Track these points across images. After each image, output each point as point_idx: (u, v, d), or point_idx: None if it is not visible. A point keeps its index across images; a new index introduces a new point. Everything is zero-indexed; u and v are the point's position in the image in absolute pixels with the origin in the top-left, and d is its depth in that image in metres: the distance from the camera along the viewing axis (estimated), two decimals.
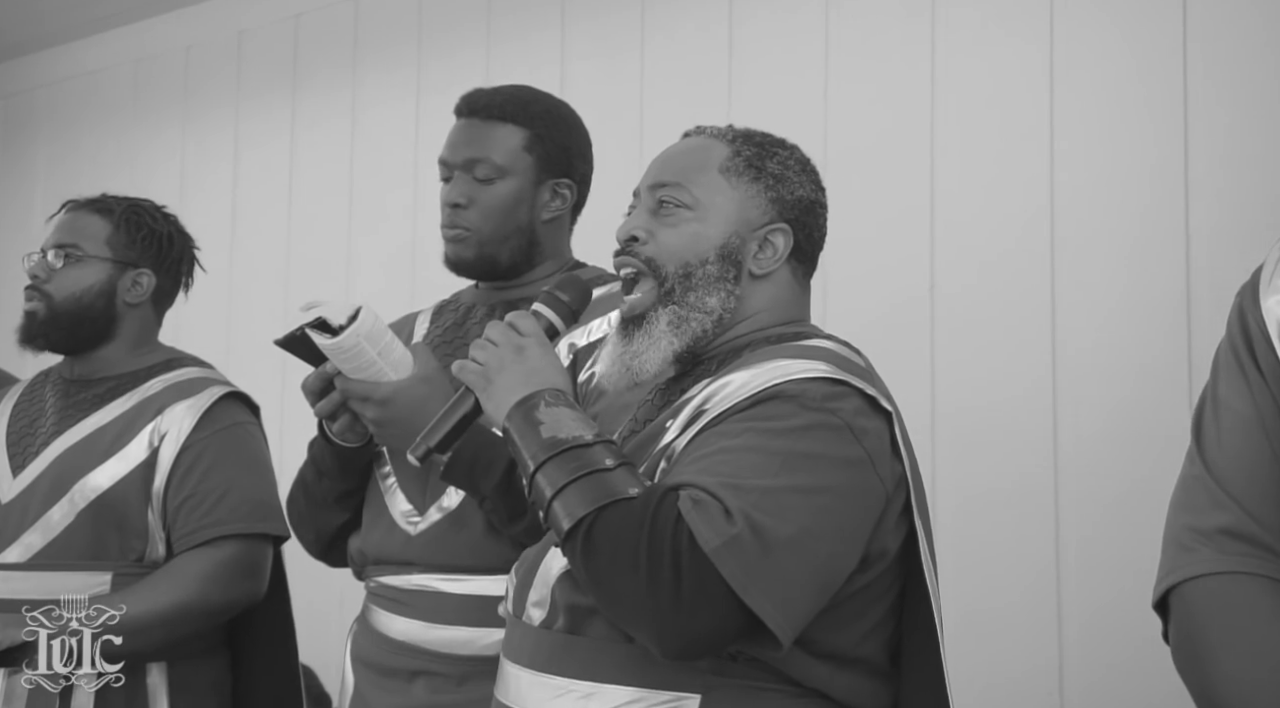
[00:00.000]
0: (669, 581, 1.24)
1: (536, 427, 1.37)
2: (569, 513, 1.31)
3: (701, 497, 1.28)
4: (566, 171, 1.96)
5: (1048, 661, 2.46)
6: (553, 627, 1.41)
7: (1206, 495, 1.13)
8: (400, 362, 1.80)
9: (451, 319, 2.01)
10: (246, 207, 4.04)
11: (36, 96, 4.68)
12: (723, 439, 1.34)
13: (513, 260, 1.94)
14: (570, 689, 1.37)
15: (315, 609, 2.83)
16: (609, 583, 1.28)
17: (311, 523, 1.99)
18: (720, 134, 1.56)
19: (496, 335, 1.48)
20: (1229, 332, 1.20)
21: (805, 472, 1.32)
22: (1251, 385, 1.14)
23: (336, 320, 1.73)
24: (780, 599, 1.27)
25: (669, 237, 1.50)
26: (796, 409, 1.35)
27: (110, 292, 2.26)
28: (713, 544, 1.25)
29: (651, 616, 1.26)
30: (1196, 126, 2.43)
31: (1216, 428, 1.16)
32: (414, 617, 1.85)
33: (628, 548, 1.26)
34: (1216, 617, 1.09)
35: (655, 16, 3.21)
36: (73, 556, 2.14)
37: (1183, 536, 1.14)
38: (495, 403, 1.44)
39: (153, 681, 2.12)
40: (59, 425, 2.23)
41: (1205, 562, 1.11)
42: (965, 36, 2.73)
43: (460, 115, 1.97)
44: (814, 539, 1.30)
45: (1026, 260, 2.59)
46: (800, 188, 1.54)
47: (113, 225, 2.28)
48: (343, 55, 3.85)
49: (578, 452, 1.34)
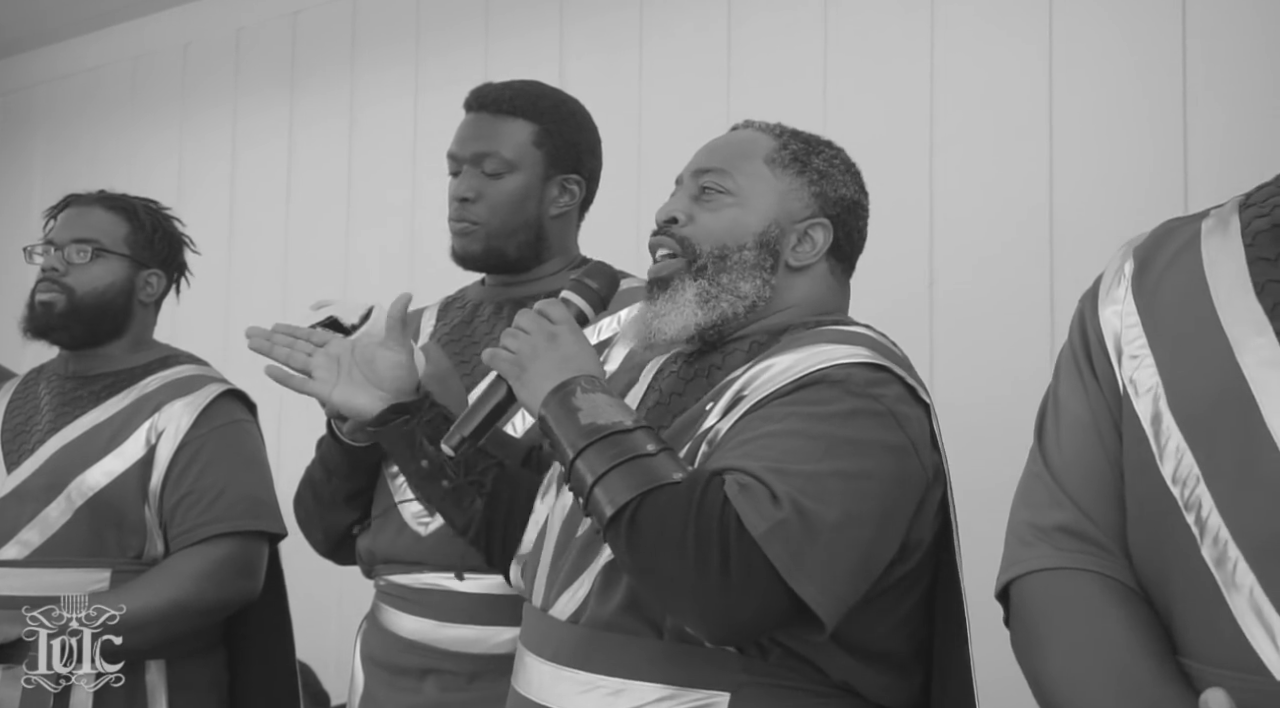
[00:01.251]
0: (716, 564, 1.24)
1: (574, 413, 1.36)
2: (611, 499, 1.30)
3: (748, 481, 1.28)
4: (575, 167, 1.96)
5: None
6: (580, 621, 1.41)
7: (1046, 493, 1.18)
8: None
9: (459, 317, 2.01)
10: (244, 203, 4.04)
11: (35, 93, 4.68)
12: (767, 423, 1.34)
13: (520, 255, 1.94)
14: (598, 685, 1.37)
15: (315, 607, 2.83)
16: (654, 568, 1.28)
17: (320, 522, 1.99)
18: (768, 128, 1.57)
19: (528, 323, 1.47)
20: (1070, 336, 1.24)
21: (849, 457, 1.32)
22: (1089, 392, 1.19)
23: (349, 320, 1.73)
24: (825, 583, 1.27)
25: (708, 220, 1.50)
26: (841, 394, 1.35)
27: (129, 290, 2.28)
28: (760, 529, 1.25)
29: (698, 599, 1.25)
30: (1195, 123, 2.43)
31: (1056, 430, 1.20)
32: (424, 615, 1.85)
33: (674, 532, 1.26)
34: (1049, 610, 1.13)
35: (654, 14, 3.21)
36: (71, 553, 2.14)
37: (1023, 531, 1.19)
38: (530, 391, 1.42)
39: (151, 679, 2.12)
40: (55, 422, 2.23)
41: (1042, 557, 1.15)
42: (964, 34, 2.73)
43: (469, 109, 1.97)
44: (858, 524, 1.30)
45: (1025, 257, 2.59)
46: (844, 187, 1.55)
47: (131, 225, 2.29)
48: (341, 53, 3.84)
49: (618, 437, 1.33)
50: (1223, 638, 1.03)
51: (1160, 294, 1.16)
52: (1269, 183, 1.19)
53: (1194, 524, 1.06)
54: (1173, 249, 1.18)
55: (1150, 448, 1.11)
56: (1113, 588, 1.12)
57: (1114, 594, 1.12)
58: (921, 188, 2.73)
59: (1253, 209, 1.16)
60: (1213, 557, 1.04)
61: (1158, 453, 1.10)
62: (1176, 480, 1.08)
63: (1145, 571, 1.13)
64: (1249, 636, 1.02)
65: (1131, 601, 1.12)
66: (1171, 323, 1.14)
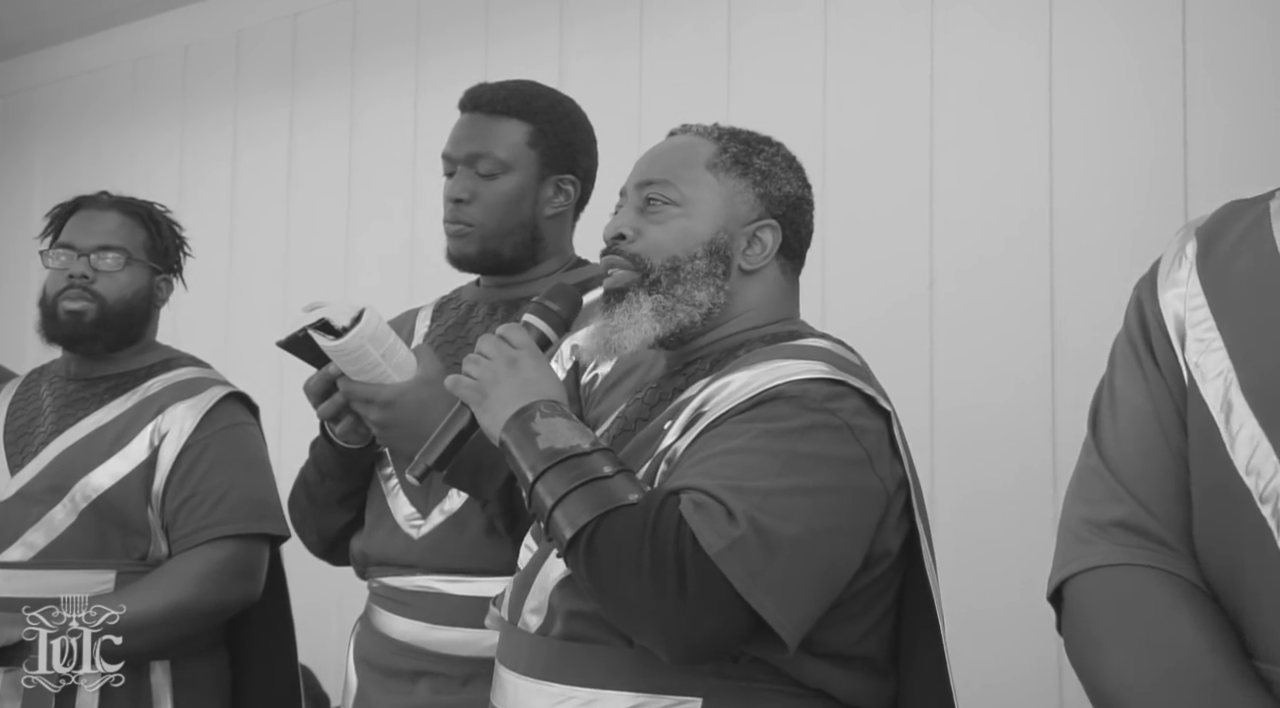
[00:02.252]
0: (673, 584, 1.24)
1: (533, 438, 1.37)
2: (570, 522, 1.31)
3: (703, 500, 1.28)
4: (570, 167, 1.96)
5: (1047, 659, 2.46)
6: (549, 633, 1.41)
7: (1103, 488, 1.12)
8: (404, 363, 1.79)
9: (453, 318, 2.01)
10: (245, 205, 4.04)
11: (35, 95, 4.68)
12: (724, 441, 1.34)
13: (515, 256, 1.94)
14: (571, 696, 1.37)
15: (314, 610, 2.82)
16: (613, 589, 1.28)
17: (314, 524, 1.99)
18: (706, 132, 1.57)
19: (489, 349, 1.48)
20: (1126, 323, 1.19)
21: (807, 472, 1.32)
22: (1149, 380, 1.13)
23: (340, 322, 1.72)
24: (785, 601, 1.27)
25: (656, 233, 1.50)
26: (797, 410, 1.35)
27: (150, 296, 2.30)
28: (716, 547, 1.25)
29: (657, 620, 1.26)
30: (1195, 124, 2.43)
31: (1113, 421, 1.15)
32: (416, 618, 1.85)
33: (631, 553, 1.26)
34: (1109, 609, 1.08)
35: (654, 15, 3.21)
36: (76, 554, 2.14)
37: (1079, 527, 1.13)
38: (491, 417, 1.44)
39: (156, 679, 2.13)
40: (58, 424, 2.23)
41: (1100, 554, 1.10)
42: (964, 35, 2.73)
43: (464, 110, 1.97)
44: (817, 540, 1.30)
45: (1025, 259, 2.59)
46: (787, 184, 1.54)
47: (148, 230, 2.30)
48: (341, 54, 3.84)
49: (576, 461, 1.34)
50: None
51: (1229, 275, 1.11)
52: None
53: (1270, 517, 1.00)
54: (1239, 229, 1.13)
55: (1220, 436, 1.05)
56: (1178, 586, 1.07)
57: (1179, 592, 1.06)
58: (921, 189, 2.73)
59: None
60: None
61: (1229, 441, 1.04)
62: (1250, 471, 1.02)
63: (1214, 568, 1.07)
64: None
65: (1198, 599, 1.06)
66: (1242, 304, 1.08)
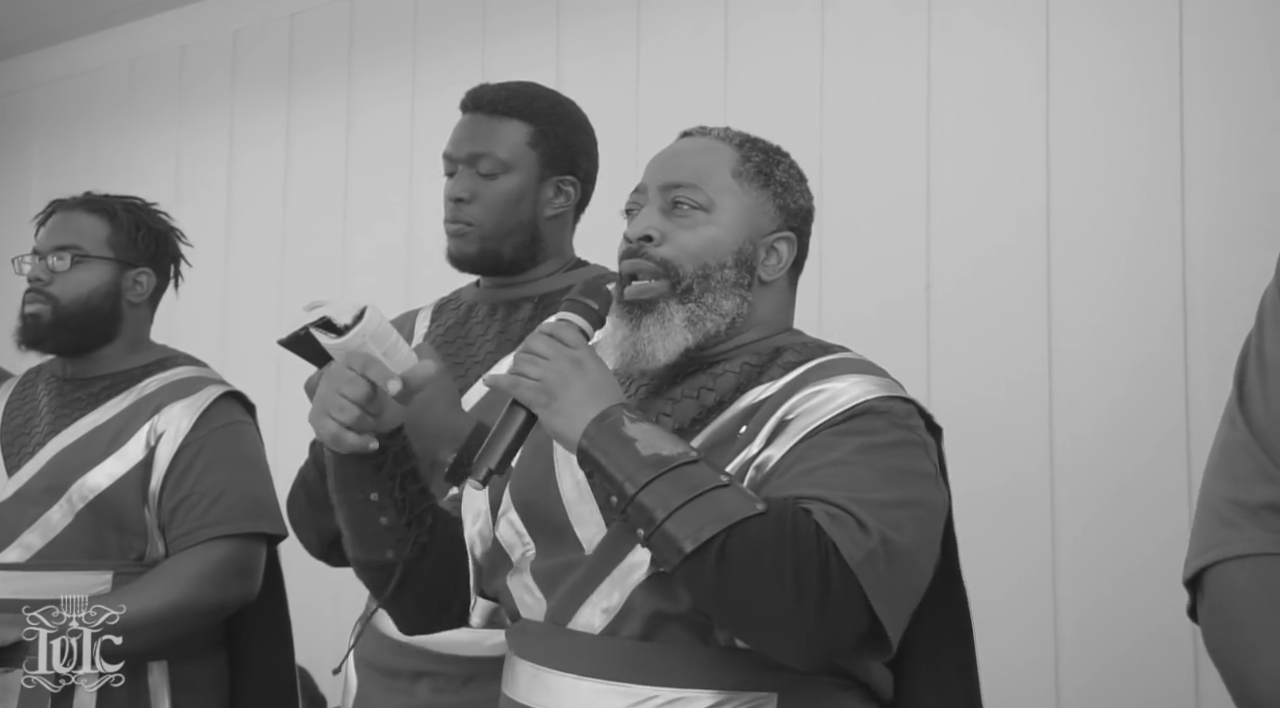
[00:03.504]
0: (816, 593, 1.25)
1: (630, 444, 1.33)
2: (692, 533, 1.27)
3: (835, 511, 1.29)
4: (570, 168, 1.96)
5: (1044, 658, 2.47)
6: (619, 633, 1.40)
7: (1253, 464, 1.01)
8: (405, 362, 1.79)
9: (453, 318, 2.01)
10: (242, 206, 4.04)
11: (31, 96, 4.67)
12: (825, 452, 1.35)
13: (515, 256, 1.94)
14: (653, 696, 1.37)
15: (311, 611, 2.82)
16: (747, 598, 1.27)
17: (312, 524, 1.98)
18: (726, 137, 1.56)
19: (545, 349, 1.42)
20: (1277, 279, 1.06)
21: (905, 486, 1.35)
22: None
23: (341, 320, 1.72)
24: (897, 609, 1.31)
25: (687, 238, 1.49)
26: (887, 425, 1.38)
27: (115, 292, 2.27)
28: (856, 557, 1.27)
29: (795, 627, 1.27)
30: (1192, 125, 2.44)
31: (1263, 387, 1.02)
32: None
33: (770, 562, 1.26)
34: (1260, 604, 0.98)
35: (651, 16, 3.21)
36: (73, 555, 2.14)
37: (1223, 508, 1.02)
38: (565, 420, 1.38)
39: (154, 680, 2.12)
40: (54, 424, 2.23)
41: (1250, 540, 1.00)
42: (961, 36, 2.73)
43: (465, 110, 1.97)
44: (918, 551, 1.34)
45: (1022, 259, 2.60)
46: (801, 197, 1.56)
47: (112, 225, 2.28)
48: (338, 55, 3.84)
49: (686, 470, 1.31)
50: None
51: None
52: None
53: None
54: None
55: None
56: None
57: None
58: (918, 190, 2.74)
59: None
60: None
61: None
62: None
63: None
64: None
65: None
66: None
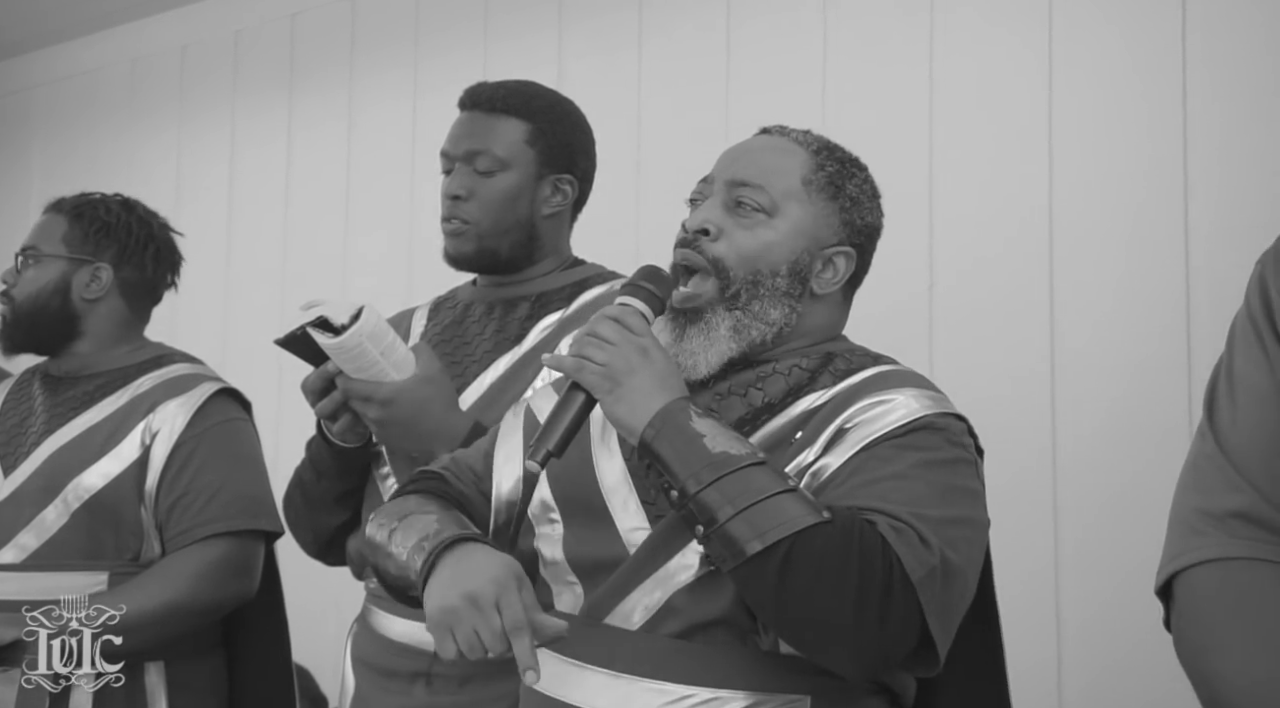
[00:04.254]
0: (877, 605, 1.25)
1: (697, 440, 1.32)
2: (759, 535, 1.27)
3: (900, 526, 1.29)
4: (568, 167, 1.96)
5: (1046, 658, 2.46)
6: (657, 631, 1.39)
7: (1219, 476, 1.06)
8: (403, 361, 1.79)
9: (450, 316, 2.00)
10: (243, 206, 4.04)
11: (32, 96, 4.67)
12: (886, 465, 1.35)
13: (512, 255, 1.93)
14: (690, 695, 1.36)
15: (312, 611, 2.82)
16: (807, 606, 1.27)
17: (309, 524, 1.99)
18: (804, 141, 1.53)
19: (611, 334, 1.40)
20: (1247, 301, 1.11)
21: (959, 504, 1.36)
22: (1271, 359, 1.06)
23: (339, 320, 1.72)
24: (948, 626, 1.32)
25: (743, 239, 1.46)
26: (943, 442, 1.38)
27: (64, 289, 2.25)
28: (919, 573, 1.27)
29: (851, 638, 1.26)
30: (1195, 123, 2.43)
31: (1232, 404, 1.07)
32: (414, 618, 1.84)
33: (835, 573, 1.25)
34: (1225, 606, 1.02)
35: (653, 16, 3.21)
36: (69, 556, 2.13)
37: (1192, 518, 1.06)
38: (628, 408, 1.37)
39: (151, 680, 2.11)
40: (49, 424, 2.22)
41: (1215, 546, 1.04)
42: (963, 36, 2.73)
43: (463, 108, 1.97)
44: (970, 569, 1.35)
45: (1025, 259, 2.59)
46: (870, 214, 1.54)
47: (68, 223, 2.28)
48: (339, 55, 3.84)
49: (754, 471, 1.30)
50: None
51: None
52: None
53: None
54: None
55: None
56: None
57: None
58: (921, 190, 2.73)
59: None
60: None
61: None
62: None
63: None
64: None
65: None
66: None
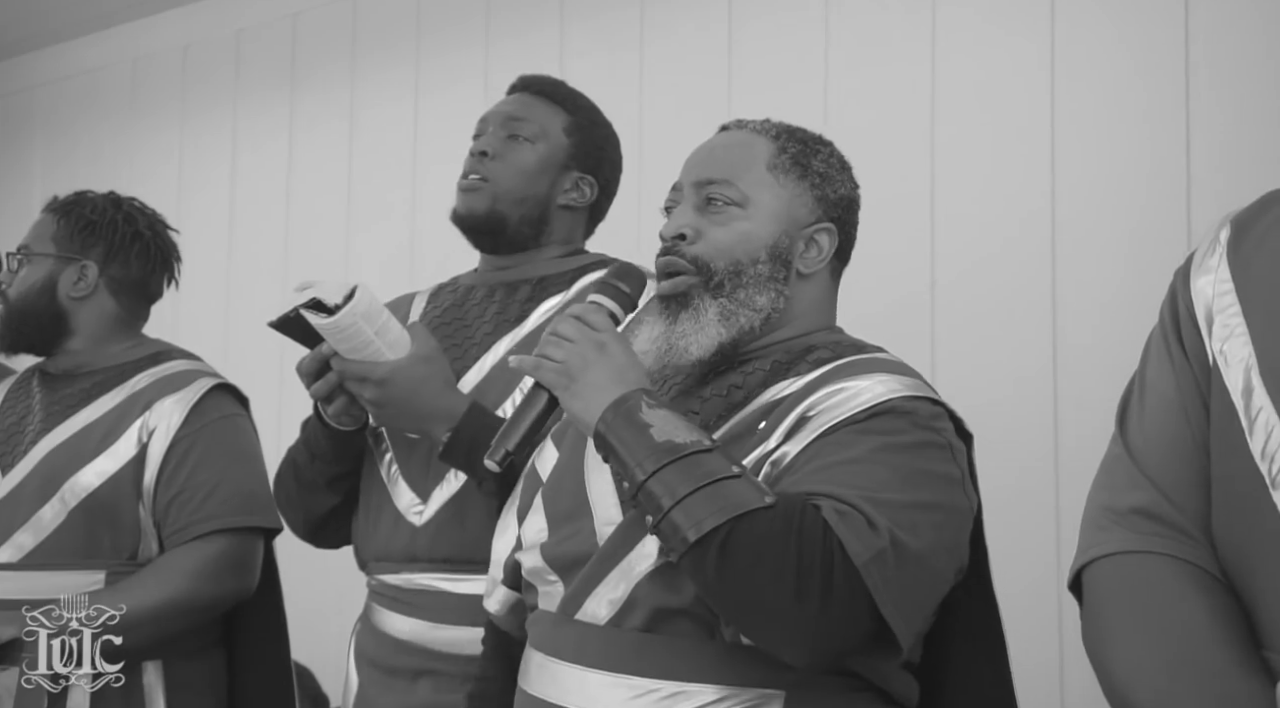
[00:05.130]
0: (818, 590, 1.23)
1: (645, 430, 1.32)
2: (695, 523, 1.26)
3: (845, 509, 1.27)
4: (594, 170, 1.98)
5: (1048, 659, 2.46)
6: (623, 625, 1.38)
7: (1124, 476, 1.12)
8: (398, 341, 1.79)
9: (450, 300, 2.00)
10: (244, 205, 4.04)
11: (34, 95, 4.67)
12: (842, 450, 1.33)
13: (519, 229, 1.93)
14: (654, 689, 1.35)
15: (315, 610, 2.82)
16: (747, 592, 1.26)
17: (300, 506, 1.98)
18: (763, 129, 1.54)
19: (570, 331, 1.42)
20: (1161, 315, 1.18)
21: (924, 488, 1.33)
22: (1176, 368, 1.12)
23: (332, 300, 1.71)
24: (908, 612, 1.29)
25: (719, 235, 1.47)
26: (909, 426, 1.36)
27: (51, 287, 2.25)
28: (863, 557, 1.25)
29: (793, 624, 1.25)
30: (1197, 123, 2.43)
31: (1140, 410, 1.14)
32: (418, 616, 1.84)
33: (773, 557, 1.24)
34: (1121, 596, 1.07)
35: (654, 15, 3.20)
36: (66, 555, 2.12)
37: (1098, 515, 1.12)
38: (583, 403, 1.38)
39: (149, 680, 2.10)
40: (46, 423, 2.21)
41: (1115, 541, 1.09)
42: (965, 35, 2.73)
43: (512, 92, 2.02)
44: (935, 555, 1.32)
45: (1027, 258, 2.59)
46: (842, 186, 1.53)
47: (58, 221, 2.28)
48: (341, 54, 3.84)
49: (698, 458, 1.30)
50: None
51: (1257, 262, 1.10)
52: None
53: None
54: (1271, 217, 1.12)
55: (1239, 423, 1.04)
56: (1191, 574, 1.06)
57: (1192, 580, 1.05)
58: (923, 188, 2.73)
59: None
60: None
61: (1247, 427, 1.03)
62: (1265, 456, 1.01)
63: (1230, 557, 1.05)
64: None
65: (1212, 588, 1.05)
66: (1268, 292, 1.07)
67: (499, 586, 1.60)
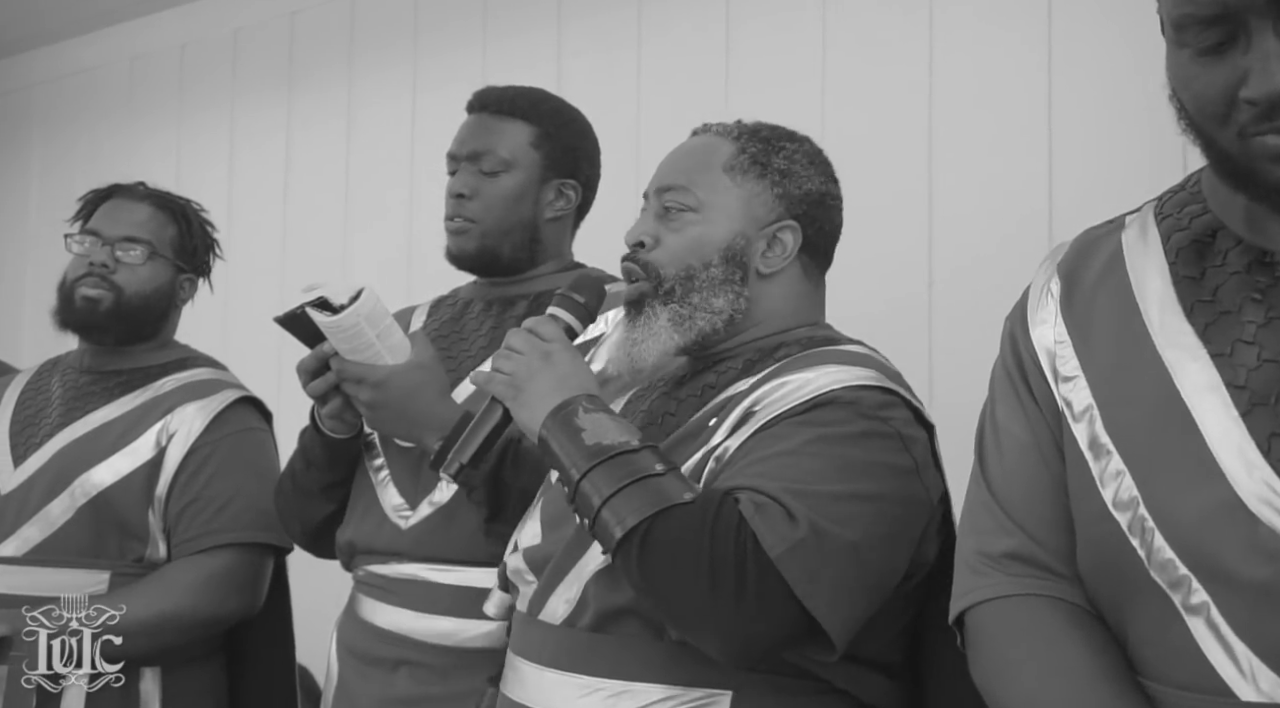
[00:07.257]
0: (732, 585, 1.24)
1: (578, 434, 1.35)
2: (620, 521, 1.28)
3: (763, 501, 1.27)
4: (572, 172, 1.97)
5: None
6: (576, 625, 1.40)
7: (992, 521, 1.17)
8: (398, 347, 1.80)
9: (449, 313, 2.02)
10: (242, 204, 4.04)
11: (32, 94, 4.67)
12: (778, 442, 1.34)
13: (514, 256, 1.94)
14: (599, 688, 1.36)
15: (316, 613, 2.81)
16: (667, 588, 1.27)
17: (297, 513, 1.99)
18: (726, 132, 1.55)
19: (520, 343, 1.46)
20: (1002, 354, 1.22)
21: (862, 479, 1.32)
22: (1028, 413, 1.17)
23: (338, 300, 1.74)
24: (838, 605, 1.28)
25: (673, 242, 1.50)
26: (852, 416, 1.35)
27: (171, 293, 2.27)
28: (778, 550, 1.25)
29: (713, 619, 1.25)
30: None
31: (999, 453, 1.19)
32: (403, 606, 1.84)
33: (688, 553, 1.25)
34: (1007, 639, 1.13)
35: (652, 14, 3.20)
36: (71, 552, 2.10)
37: (973, 560, 1.17)
38: (528, 412, 1.41)
39: (146, 687, 2.08)
40: (64, 417, 2.19)
41: (994, 586, 1.15)
42: (962, 35, 2.73)
43: (470, 111, 1.99)
44: (871, 547, 1.31)
45: (1024, 258, 2.57)
46: (809, 181, 1.53)
47: (178, 227, 2.28)
48: (338, 53, 3.84)
49: (625, 458, 1.32)
50: (1183, 660, 1.02)
51: (1091, 315, 1.15)
52: (1179, 188, 1.20)
53: (1140, 548, 1.04)
54: (1098, 265, 1.17)
55: (1090, 471, 1.09)
56: (1067, 613, 1.12)
57: (1069, 619, 1.11)
58: (920, 189, 2.73)
59: (1169, 220, 1.16)
60: (1165, 580, 1.02)
61: (1098, 477, 1.09)
62: (1118, 505, 1.06)
63: (1099, 592, 1.11)
64: (1209, 657, 1.00)
65: (1087, 624, 1.11)
66: (1104, 345, 1.12)
67: (495, 590, 1.61)
